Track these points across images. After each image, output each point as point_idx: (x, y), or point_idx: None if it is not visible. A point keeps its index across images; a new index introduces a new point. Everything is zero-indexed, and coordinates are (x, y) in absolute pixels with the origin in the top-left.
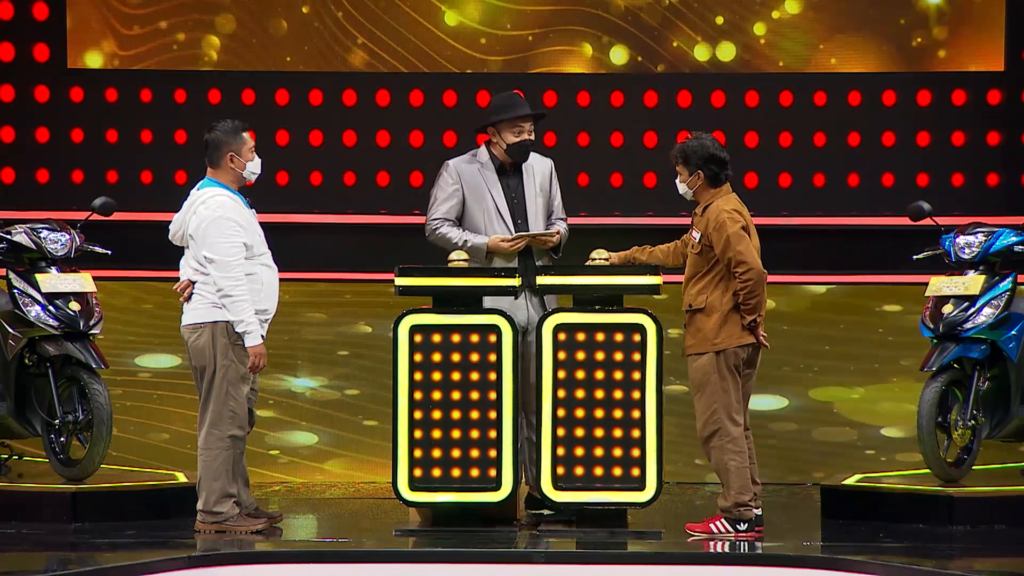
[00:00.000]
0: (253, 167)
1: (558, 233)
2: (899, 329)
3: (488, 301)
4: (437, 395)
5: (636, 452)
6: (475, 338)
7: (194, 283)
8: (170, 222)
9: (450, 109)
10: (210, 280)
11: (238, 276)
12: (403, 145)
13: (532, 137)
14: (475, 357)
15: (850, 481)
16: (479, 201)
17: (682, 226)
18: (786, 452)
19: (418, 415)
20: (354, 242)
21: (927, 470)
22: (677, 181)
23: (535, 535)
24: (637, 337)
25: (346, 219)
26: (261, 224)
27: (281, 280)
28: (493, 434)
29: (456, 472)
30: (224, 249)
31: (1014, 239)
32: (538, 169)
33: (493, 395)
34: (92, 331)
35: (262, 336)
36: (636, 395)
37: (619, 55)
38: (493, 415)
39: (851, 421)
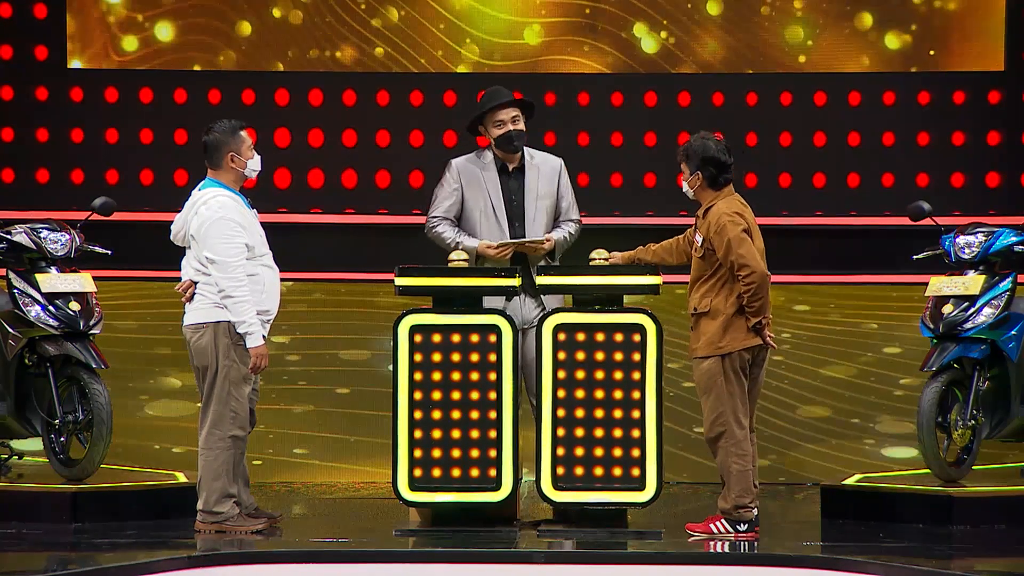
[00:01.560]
0: (253, 164)
1: (548, 240)
2: (898, 332)
3: (487, 301)
4: (437, 395)
5: (636, 452)
6: (475, 338)
7: (196, 283)
8: (170, 222)
9: (450, 109)
10: (212, 281)
11: (239, 277)
12: (403, 145)
13: (517, 127)
14: (475, 357)
15: (850, 481)
16: (477, 201)
17: (682, 226)
18: (785, 455)
19: (418, 415)
20: (354, 242)
21: (927, 470)
22: (681, 178)
23: (535, 535)
24: (637, 337)
25: (346, 219)
26: (262, 224)
27: (281, 280)
28: (493, 434)
29: (456, 472)
30: (225, 250)
31: (1014, 239)
32: (544, 170)
33: (493, 395)
34: (92, 331)
35: (264, 337)
36: (636, 395)
37: (619, 57)
38: (493, 415)
39: (850, 421)
